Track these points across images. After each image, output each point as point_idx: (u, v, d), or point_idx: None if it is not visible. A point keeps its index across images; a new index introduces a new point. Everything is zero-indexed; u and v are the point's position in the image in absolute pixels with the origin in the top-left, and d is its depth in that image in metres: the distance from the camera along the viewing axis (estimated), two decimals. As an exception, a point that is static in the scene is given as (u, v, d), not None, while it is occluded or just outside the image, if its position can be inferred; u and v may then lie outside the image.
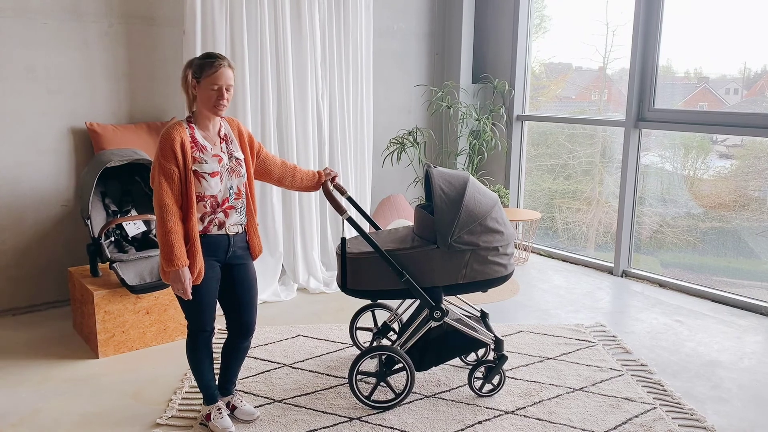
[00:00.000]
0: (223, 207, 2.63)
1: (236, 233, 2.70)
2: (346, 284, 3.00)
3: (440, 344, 3.11)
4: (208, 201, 2.58)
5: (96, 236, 3.60)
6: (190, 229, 2.53)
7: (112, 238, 3.74)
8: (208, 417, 2.82)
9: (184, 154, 2.51)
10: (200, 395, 3.03)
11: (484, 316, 3.31)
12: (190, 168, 2.52)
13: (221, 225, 2.64)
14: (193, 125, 2.61)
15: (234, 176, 2.66)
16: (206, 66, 2.54)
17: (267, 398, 3.08)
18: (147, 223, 3.85)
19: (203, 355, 2.73)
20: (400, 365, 2.99)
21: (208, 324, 2.70)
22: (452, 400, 3.08)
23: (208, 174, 2.56)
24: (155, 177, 2.52)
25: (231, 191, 2.65)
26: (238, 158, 2.69)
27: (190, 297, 2.57)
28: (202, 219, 2.59)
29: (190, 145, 2.54)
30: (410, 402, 3.06)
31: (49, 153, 4.07)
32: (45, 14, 3.92)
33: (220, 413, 2.80)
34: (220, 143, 2.65)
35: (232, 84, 2.60)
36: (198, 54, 3.98)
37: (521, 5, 5.54)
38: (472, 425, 2.87)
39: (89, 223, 3.61)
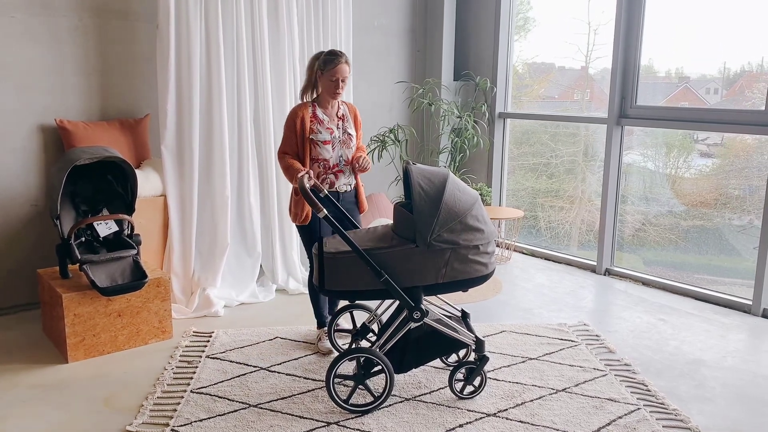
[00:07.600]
0: (334, 170, 3.37)
1: (345, 191, 3.43)
2: (323, 285, 2.92)
3: (420, 345, 3.03)
4: (322, 163, 3.34)
5: (65, 237, 3.48)
6: None
7: (83, 239, 3.62)
8: (321, 339, 3.57)
9: (303, 126, 3.28)
10: (173, 400, 3.00)
11: (464, 316, 3.25)
12: (307, 137, 3.29)
13: (332, 184, 3.37)
14: (315, 104, 3.36)
15: (344, 147, 3.39)
16: (329, 62, 3.25)
17: (242, 403, 2.99)
18: (119, 223, 3.73)
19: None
20: (379, 368, 2.91)
21: None
22: (433, 403, 3.01)
23: (321, 142, 3.30)
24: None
25: (342, 159, 3.39)
26: (350, 134, 3.43)
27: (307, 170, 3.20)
28: (318, 176, 3.34)
29: (310, 120, 3.30)
30: (390, 405, 2.99)
31: (17, 151, 3.94)
32: (13, 7, 3.79)
33: (324, 338, 3.58)
34: (337, 121, 3.40)
35: (348, 76, 3.30)
36: (173, 49, 3.94)
37: (503, 2, 5.48)
38: (453, 428, 2.80)
39: (58, 224, 3.50)
